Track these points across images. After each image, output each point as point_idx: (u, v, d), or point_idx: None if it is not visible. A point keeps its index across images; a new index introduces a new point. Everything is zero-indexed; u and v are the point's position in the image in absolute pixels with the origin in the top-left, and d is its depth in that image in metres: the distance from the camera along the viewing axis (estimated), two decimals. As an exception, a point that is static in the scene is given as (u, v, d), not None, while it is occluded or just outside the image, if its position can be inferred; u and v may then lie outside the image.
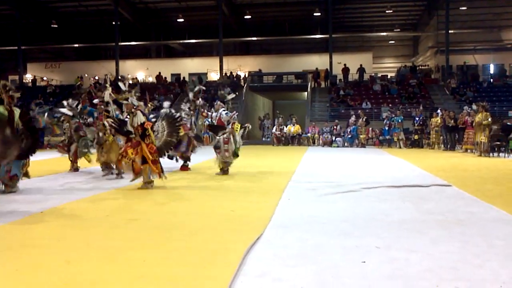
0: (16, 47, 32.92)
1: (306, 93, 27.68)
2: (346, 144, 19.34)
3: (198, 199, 6.39)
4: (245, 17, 32.98)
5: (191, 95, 10.49)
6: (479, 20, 31.53)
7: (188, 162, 10.08)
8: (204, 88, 11.27)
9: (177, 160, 10.03)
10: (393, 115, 18.77)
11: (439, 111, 17.83)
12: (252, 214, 5.25)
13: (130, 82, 30.16)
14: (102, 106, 8.89)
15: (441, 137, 17.28)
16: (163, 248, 3.85)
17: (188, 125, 9.89)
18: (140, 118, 7.22)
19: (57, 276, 3.16)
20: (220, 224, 4.77)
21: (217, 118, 9.29)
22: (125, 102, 7.52)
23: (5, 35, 34.67)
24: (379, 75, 30.85)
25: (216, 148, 8.97)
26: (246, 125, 9.79)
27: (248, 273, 3.22)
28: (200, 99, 10.46)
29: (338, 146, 19.27)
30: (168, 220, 5.01)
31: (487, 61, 32.12)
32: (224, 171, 9.06)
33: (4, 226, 4.73)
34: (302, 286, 2.97)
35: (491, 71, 31.58)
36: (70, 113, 9.86)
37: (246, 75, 31.10)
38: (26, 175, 7.55)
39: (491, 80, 28.65)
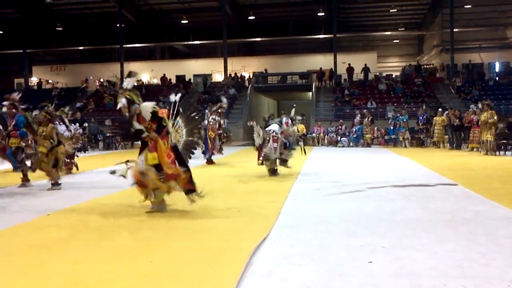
0: (21, 50, 33.21)
1: (310, 93, 27.69)
2: (351, 143, 19.28)
3: (204, 199, 6.39)
4: (249, 17, 33.03)
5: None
6: (484, 18, 31.38)
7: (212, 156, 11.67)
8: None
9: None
10: (398, 115, 18.71)
11: (440, 109, 17.79)
12: (258, 214, 5.26)
13: (136, 84, 30.52)
14: (13, 110, 7.90)
15: (446, 136, 17.21)
16: (169, 247, 3.87)
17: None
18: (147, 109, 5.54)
19: (64, 277, 3.18)
20: (226, 224, 4.79)
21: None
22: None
23: (11, 39, 34.91)
24: (384, 74, 30.78)
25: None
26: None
27: (255, 272, 3.23)
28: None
29: (343, 146, 19.21)
30: (174, 220, 5.03)
31: (493, 59, 31.99)
32: (271, 171, 8.96)
33: (12, 228, 4.78)
34: (309, 286, 2.98)
35: (497, 69, 31.47)
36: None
37: (251, 76, 31.10)
38: None
39: (497, 78, 28.55)
